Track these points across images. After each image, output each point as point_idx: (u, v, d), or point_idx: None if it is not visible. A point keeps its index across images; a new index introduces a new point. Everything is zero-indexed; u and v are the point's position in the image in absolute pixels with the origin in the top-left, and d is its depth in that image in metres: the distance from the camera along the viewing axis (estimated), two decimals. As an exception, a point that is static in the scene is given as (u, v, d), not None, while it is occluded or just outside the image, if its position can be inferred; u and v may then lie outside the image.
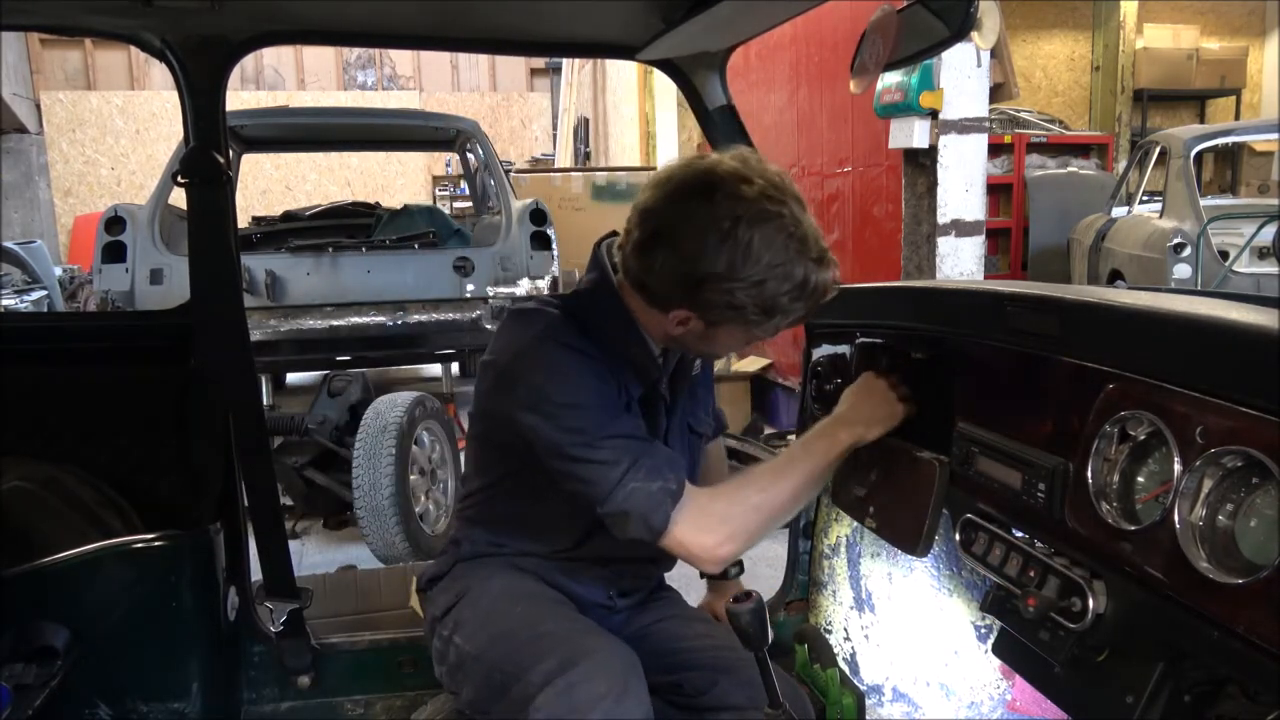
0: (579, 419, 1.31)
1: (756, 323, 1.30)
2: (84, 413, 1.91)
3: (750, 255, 1.23)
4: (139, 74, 14.19)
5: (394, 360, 6.40)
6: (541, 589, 1.48)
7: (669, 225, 1.27)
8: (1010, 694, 1.63)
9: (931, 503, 1.43)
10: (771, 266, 1.24)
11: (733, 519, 1.36)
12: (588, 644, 1.33)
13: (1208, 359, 1.01)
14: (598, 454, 1.29)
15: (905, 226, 4.38)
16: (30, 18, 1.82)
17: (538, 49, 1.95)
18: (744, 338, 1.38)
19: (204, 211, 1.77)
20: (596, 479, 1.30)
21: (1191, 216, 5.24)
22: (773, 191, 1.25)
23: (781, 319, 1.31)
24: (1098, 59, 10.05)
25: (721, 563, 1.37)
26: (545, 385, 1.32)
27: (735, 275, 1.24)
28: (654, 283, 1.31)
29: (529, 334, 1.36)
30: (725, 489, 1.42)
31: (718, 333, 1.35)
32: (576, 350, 1.34)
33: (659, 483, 1.30)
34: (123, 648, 1.74)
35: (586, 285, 1.45)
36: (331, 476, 3.94)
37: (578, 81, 12.26)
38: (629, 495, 1.29)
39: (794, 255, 1.25)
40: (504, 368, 1.39)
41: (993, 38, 4.00)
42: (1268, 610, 0.88)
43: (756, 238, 1.23)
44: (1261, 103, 10.20)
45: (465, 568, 1.52)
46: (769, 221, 1.24)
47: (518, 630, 1.37)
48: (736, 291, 1.25)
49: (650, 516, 1.30)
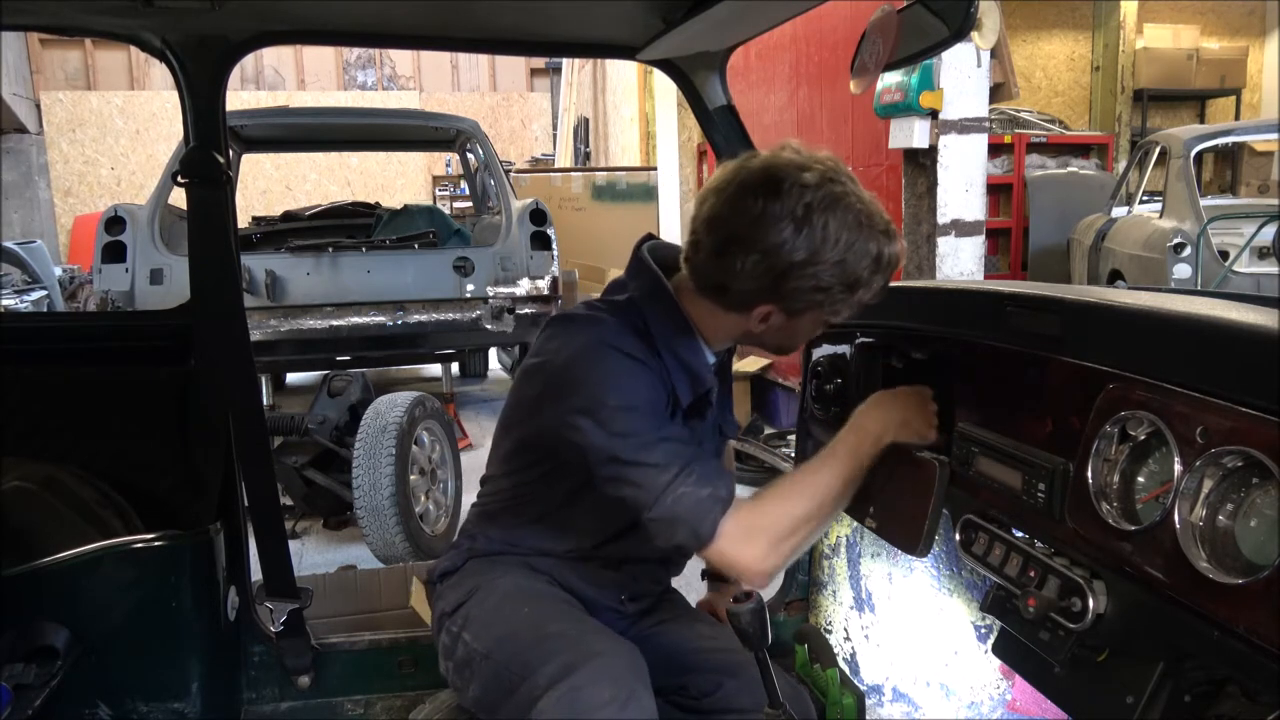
0: (633, 423, 1.30)
1: (842, 300, 1.32)
2: (84, 413, 1.91)
3: (829, 238, 1.26)
4: (139, 74, 14.20)
5: (394, 360, 6.41)
6: (552, 590, 1.47)
7: (743, 225, 1.28)
8: (1010, 694, 1.63)
9: (931, 503, 1.43)
10: (849, 245, 1.27)
11: (778, 531, 1.34)
12: (595, 646, 1.32)
13: (1208, 359, 1.01)
14: (650, 457, 1.28)
15: (905, 226, 4.37)
16: (30, 18, 1.82)
17: (538, 49, 1.94)
18: (821, 322, 1.39)
19: (204, 211, 1.77)
20: (647, 483, 1.28)
21: (1191, 216, 5.24)
22: (832, 174, 1.29)
23: (864, 292, 1.33)
24: (1098, 59, 10.05)
25: (767, 576, 1.35)
26: (599, 390, 1.31)
27: (818, 259, 1.26)
28: (737, 284, 1.31)
29: (582, 339, 1.36)
30: (769, 500, 1.38)
31: (799, 321, 1.37)
32: (631, 356, 1.34)
33: (708, 489, 1.29)
34: (123, 647, 1.74)
35: (637, 290, 1.43)
36: (331, 476, 3.94)
37: (578, 81, 12.27)
38: (678, 500, 1.27)
39: (866, 230, 1.28)
40: (555, 371, 1.37)
41: (993, 38, 4.00)
42: (1268, 610, 0.88)
43: (831, 221, 1.26)
44: (1261, 103, 10.19)
45: (478, 565, 1.51)
46: (838, 203, 1.27)
47: (525, 631, 1.37)
48: (821, 274, 1.27)
49: (699, 523, 1.28)
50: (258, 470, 1.85)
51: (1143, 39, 9.79)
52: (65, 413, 1.91)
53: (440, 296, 5.01)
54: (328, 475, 3.95)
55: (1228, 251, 5.20)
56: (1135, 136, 9.37)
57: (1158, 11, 10.10)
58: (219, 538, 1.82)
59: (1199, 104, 10.37)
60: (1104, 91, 9.96)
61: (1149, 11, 9.98)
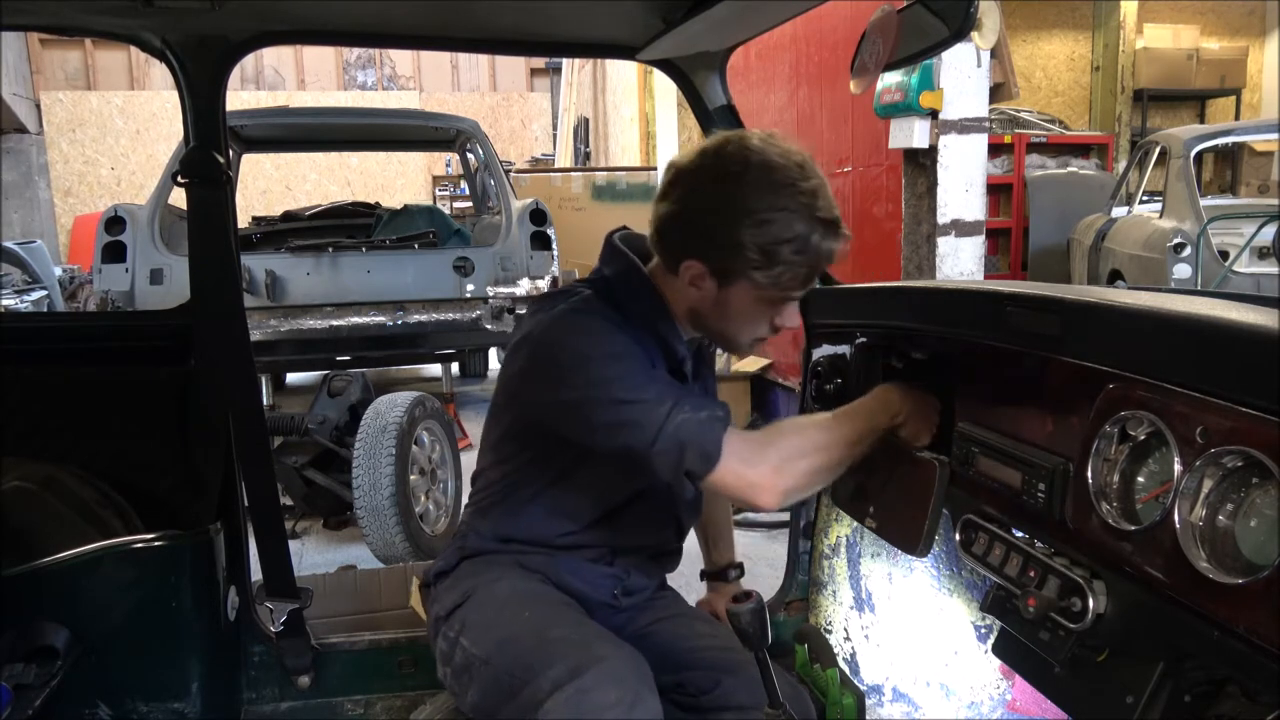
0: (620, 368, 1.32)
1: (760, 272, 1.31)
2: (84, 413, 1.91)
3: (757, 192, 1.27)
4: (139, 74, 14.19)
5: (394, 360, 6.41)
6: (549, 591, 1.47)
7: (686, 172, 1.34)
8: (1010, 694, 1.63)
9: (931, 503, 1.43)
10: (775, 208, 1.27)
11: (786, 453, 1.34)
12: (599, 650, 1.31)
13: (1208, 359, 1.01)
14: (645, 394, 1.30)
15: (905, 226, 4.37)
16: (30, 18, 1.82)
17: (538, 49, 1.95)
18: (754, 303, 1.37)
19: (204, 211, 1.77)
20: (645, 418, 1.28)
21: (1191, 216, 5.24)
22: (785, 150, 1.30)
23: (785, 272, 1.31)
24: (1098, 59, 10.05)
25: (780, 495, 1.33)
26: (585, 345, 1.34)
27: (739, 208, 1.27)
28: (667, 229, 1.36)
29: (562, 308, 1.39)
30: (776, 429, 1.42)
31: (730, 295, 1.36)
32: (607, 318, 1.37)
33: (706, 412, 1.30)
34: (123, 647, 1.74)
35: (611, 272, 1.47)
36: (331, 476, 3.94)
37: (578, 81, 12.27)
38: (680, 426, 1.27)
39: (800, 207, 1.28)
40: (538, 340, 1.39)
41: (993, 38, 3.99)
42: (1268, 610, 0.88)
43: (765, 179, 1.27)
44: (1261, 103, 10.20)
45: (471, 566, 1.51)
46: (777, 171, 1.28)
47: (526, 635, 1.36)
48: (741, 229, 1.28)
49: (705, 442, 1.28)
50: (258, 470, 1.85)
51: (1143, 39, 9.79)
52: (65, 413, 1.91)
53: (440, 296, 5.01)
54: (328, 475, 3.95)
55: (1228, 251, 5.21)
56: (1135, 136, 9.38)
57: (1158, 11, 10.11)
58: (219, 538, 1.82)
59: (1199, 104, 10.37)
60: (1104, 91, 9.97)
61: (1149, 11, 9.98)
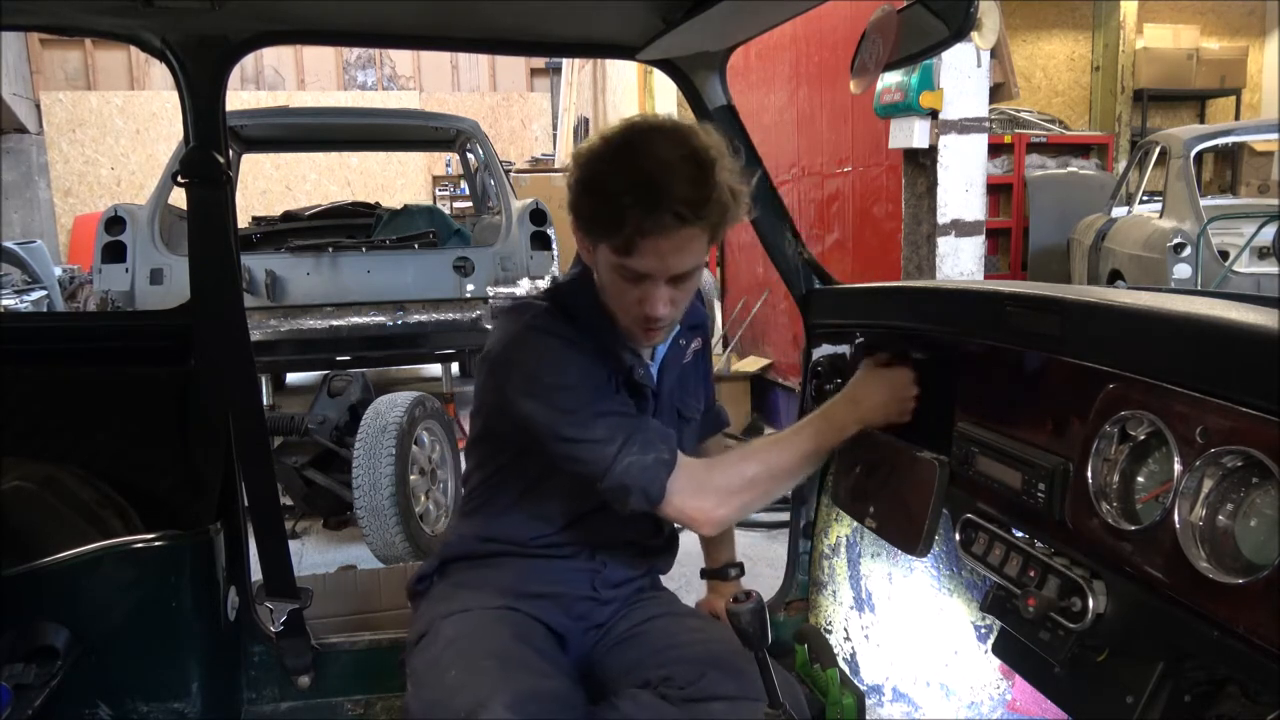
0: (571, 400, 1.36)
1: (588, 231, 1.35)
2: (84, 413, 1.91)
3: (596, 154, 1.32)
4: (139, 74, 14.18)
5: (394, 360, 6.40)
6: (497, 627, 1.44)
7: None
8: (1010, 694, 1.63)
9: (931, 503, 1.43)
10: (610, 171, 1.30)
11: (728, 487, 1.43)
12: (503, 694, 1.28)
13: (1208, 359, 1.01)
14: (592, 433, 1.36)
15: (905, 226, 4.38)
16: (30, 18, 1.82)
17: (538, 49, 1.95)
18: (610, 271, 1.36)
19: (204, 211, 1.77)
20: (593, 458, 1.36)
21: (1191, 216, 5.24)
22: (676, 128, 1.33)
23: (611, 234, 1.31)
24: (1098, 59, 10.05)
25: (718, 525, 1.44)
26: (536, 370, 1.38)
27: (580, 165, 1.33)
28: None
29: (514, 325, 1.43)
30: (722, 460, 1.53)
31: (598, 265, 1.39)
32: (562, 337, 1.40)
33: (653, 454, 1.37)
34: (123, 648, 1.74)
35: (565, 279, 1.53)
36: (331, 476, 3.94)
37: (578, 81, 12.26)
38: (626, 469, 1.35)
39: (625, 168, 1.28)
40: (496, 357, 1.45)
41: (993, 38, 4.00)
42: (1268, 610, 0.88)
43: (619, 138, 1.32)
44: (1261, 103, 10.19)
45: (441, 589, 1.56)
46: (643, 138, 1.31)
47: (449, 695, 1.34)
48: (576, 180, 1.33)
49: (649, 488, 1.36)
50: (258, 470, 1.85)
51: (1143, 39, 9.79)
52: (65, 413, 1.91)
53: (440, 296, 5.00)
54: (328, 475, 3.96)
55: (1228, 251, 5.21)
56: (1135, 136, 9.37)
57: (1158, 11, 10.10)
58: (219, 538, 1.82)
59: (1199, 104, 10.37)
60: (1104, 91, 9.96)
61: (1149, 11, 9.98)
